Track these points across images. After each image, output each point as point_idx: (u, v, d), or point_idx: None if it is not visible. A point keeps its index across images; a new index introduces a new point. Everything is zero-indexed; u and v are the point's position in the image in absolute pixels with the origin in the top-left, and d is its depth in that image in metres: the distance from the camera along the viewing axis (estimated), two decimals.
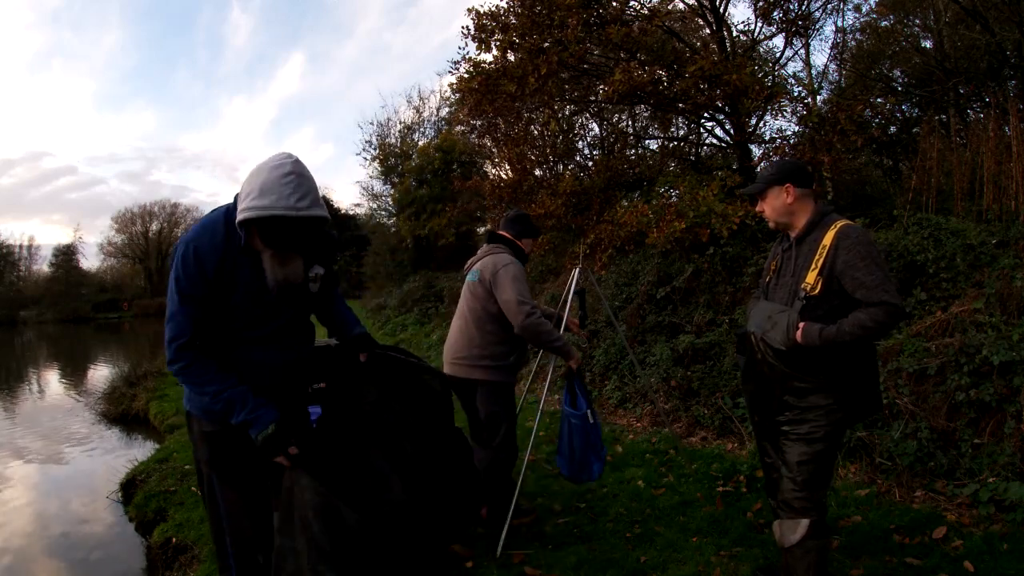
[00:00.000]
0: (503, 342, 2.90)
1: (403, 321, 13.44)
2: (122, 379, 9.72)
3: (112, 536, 4.33)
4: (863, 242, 1.98)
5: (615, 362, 5.92)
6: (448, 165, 16.91)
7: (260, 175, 1.63)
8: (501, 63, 6.95)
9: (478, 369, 2.90)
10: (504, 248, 3.04)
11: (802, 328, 2.00)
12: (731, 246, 5.84)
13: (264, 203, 1.59)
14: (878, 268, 1.95)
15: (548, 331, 2.84)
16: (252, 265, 1.73)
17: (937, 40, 9.00)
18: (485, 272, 2.93)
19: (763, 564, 2.59)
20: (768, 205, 2.20)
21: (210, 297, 1.70)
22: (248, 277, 1.73)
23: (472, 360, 2.91)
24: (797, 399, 2.07)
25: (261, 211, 1.59)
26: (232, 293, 1.72)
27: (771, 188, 2.18)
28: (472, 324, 2.94)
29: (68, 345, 23.26)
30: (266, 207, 1.59)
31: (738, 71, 5.93)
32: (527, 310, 2.76)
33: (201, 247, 1.68)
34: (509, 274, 2.83)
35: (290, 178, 1.61)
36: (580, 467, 2.97)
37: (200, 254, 1.67)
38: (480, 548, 2.90)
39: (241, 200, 1.65)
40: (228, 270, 1.70)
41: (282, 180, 1.61)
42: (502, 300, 2.82)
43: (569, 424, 2.95)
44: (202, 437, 1.86)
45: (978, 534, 2.73)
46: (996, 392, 3.27)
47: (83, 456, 6.57)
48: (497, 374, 2.90)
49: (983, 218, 4.86)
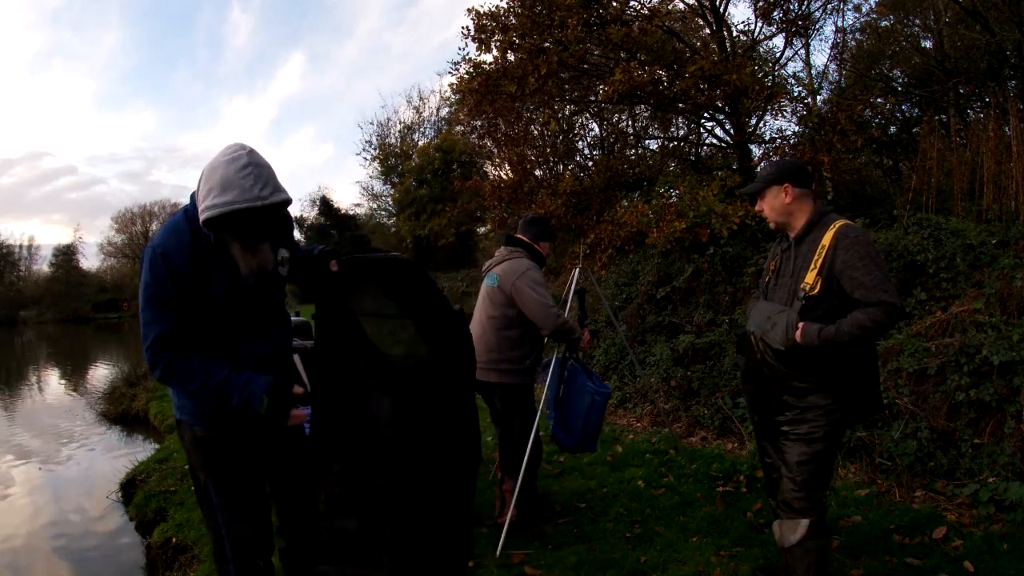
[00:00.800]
0: (519, 346, 2.97)
1: None
2: (122, 379, 9.72)
3: (112, 536, 4.33)
4: (862, 242, 1.98)
5: (615, 362, 5.92)
6: (448, 165, 16.93)
7: (217, 171, 1.61)
8: (501, 63, 6.95)
9: (495, 372, 2.96)
10: (522, 252, 3.05)
11: (801, 328, 2.00)
12: (731, 246, 5.84)
13: (227, 199, 1.58)
14: (877, 268, 1.95)
15: (572, 328, 2.98)
16: (223, 261, 1.72)
17: (937, 40, 9.00)
18: (504, 279, 2.95)
19: (763, 564, 2.59)
20: (767, 205, 2.20)
21: (184, 299, 1.67)
22: (222, 272, 1.72)
23: (489, 364, 2.95)
24: (796, 399, 2.07)
25: (225, 207, 1.58)
26: (209, 292, 1.71)
27: (770, 188, 2.18)
28: (489, 329, 2.98)
29: (68, 345, 23.27)
30: (230, 203, 1.57)
31: (738, 71, 5.93)
32: (555, 313, 2.89)
33: (169, 250, 1.66)
34: (529, 282, 2.88)
35: (248, 170, 1.60)
36: (590, 441, 3.10)
37: (169, 256, 1.66)
38: (480, 548, 2.90)
39: (201, 199, 1.63)
40: (200, 269, 1.69)
41: (241, 173, 1.59)
42: (528, 310, 2.88)
43: (592, 400, 3.03)
44: (195, 444, 1.83)
45: (978, 534, 2.73)
46: (996, 392, 3.27)
47: (83, 456, 6.57)
48: (513, 376, 2.98)
49: (983, 218, 4.86)
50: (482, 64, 7.30)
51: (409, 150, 20.14)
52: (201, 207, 1.62)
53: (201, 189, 1.64)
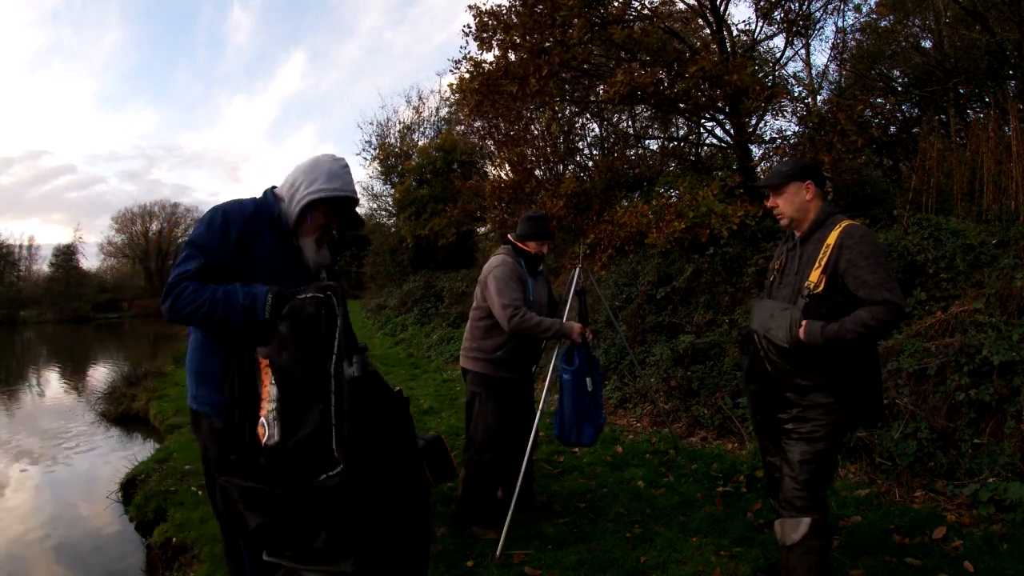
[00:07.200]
0: (490, 337, 3.06)
1: (403, 321, 13.44)
2: (122, 379, 9.70)
3: (112, 536, 4.33)
4: (867, 241, 2.00)
5: (615, 362, 5.92)
6: (448, 165, 16.89)
7: (323, 166, 1.87)
8: (503, 63, 6.96)
9: (468, 359, 3.14)
10: (505, 250, 3.16)
11: (805, 326, 2.01)
12: (731, 246, 5.84)
13: (335, 186, 1.85)
14: (881, 267, 1.97)
15: (536, 324, 2.94)
16: (273, 242, 1.84)
17: (937, 40, 9.00)
18: (482, 273, 3.13)
19: (763, 564, 2.59)
20: (786, 200, 2.19)
21: (223, 261, 1.76)
22: (268, 248, 1.83)
23: (465, 352, 3.17)
24: (799, 396, 2.08)
25: (332, 192, 1.84)
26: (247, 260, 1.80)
27: (791, 183, 2.18)
28: (470, 320, 3.18)
29: (68, 345, 23.26)
30: (337, 189, 1.85)
31: (738, 71, 5.94)
32: (510, 312, 2.91)
33: (231, 214, 1.81)
34: (494, 278, 3.00)
35: (347, 170, 1.91)
36: (569, 429, 3.05)
37: (229, 217, 1.80)
38: (480, 548, 2.90)
39: (304, 187, 1.84)
40: (248, 238, 1.80)
41: (344, 170, 1.90)
42: (490, 304, 3.02)
43: (561, 381, 3.04)
44: (212, 435, 1.84)
45: (978, 534, 2.73)
46: (996, 392, 3.27)
47: (83, 456, 6.56)
48: (481, 365, 3.07)
49: (983, 218, 4.86)
50: (483, 63, 7.31)
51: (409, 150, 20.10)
52: (304, 192, 1.84)
53: (300, 180, 1.86)
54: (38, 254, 42.76)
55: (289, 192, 1.87)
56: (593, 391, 3.08)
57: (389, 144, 21.40)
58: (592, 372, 3.10)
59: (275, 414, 1.63)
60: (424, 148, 18.18)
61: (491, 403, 3.04)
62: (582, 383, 3.04)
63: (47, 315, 36.95)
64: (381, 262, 20.03)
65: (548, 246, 3.19)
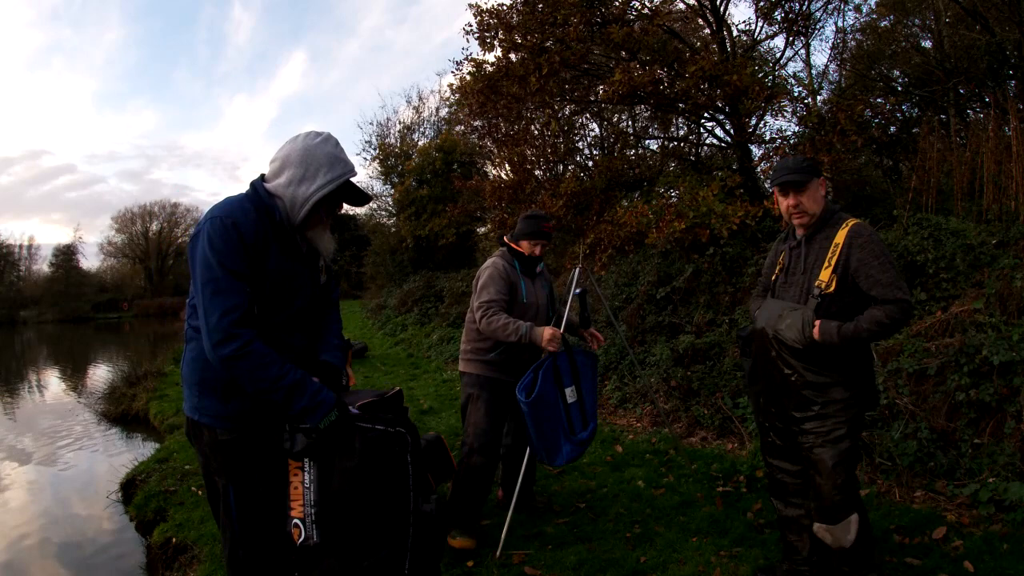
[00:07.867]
0: (483, 339, 3.03)
1: (403, 321, 13.44)
2: (122, 379, 9.70)
3: (112, 536, 4.33)
4: (875, 240, 2.04)
5: (615, 362, 5.92)
6: (448, 165, 16.87)
7: (315, 153, 1.73)
8: (504, 64, 6.96)
9: (464, 361, 3.13)
10: (500, 251, 3.17)
11: (819, 325, 2.03)
12: (731, 246, 5.84)
13: (339, 172, 1.73)
14: (891, 266, 2.00)
15: (502, 325, 2.80)
16: (282, 243, 1.74)
17: (937, 40, 9.00)
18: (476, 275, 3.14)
19: (763, 564, 2.59)
20: (809, 198, 2.19)
21: (251, 272, 1.63)
22: (278, 253, 1.71)
23: (462, 354, 3.17)
24: (818, 394, 2.09)
25: (342, 177, 1.73)
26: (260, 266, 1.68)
27: (812, 180, 2.18)
28: (467, 320, 3.17)
29: (68, 345, 23.26)
30: (343, 173, 1.74)
31: (738, 71, 5.94)
32: (481, 312, 2.89)
33: (238, 219, 1.63)
34: (481, 279, 3.01)
35: (340, 146, 1.78)
36: (540, 452, 2.83)
37: (239, 225, 1.62)
38: (480, 548, 2.90)
39: (306, 184, 1.72)
40: (260, 244, 1.67)
41: (337, 149, 1.76)
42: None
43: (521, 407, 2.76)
44: (215, 447, 1.75)
45: (978, 534, 2.73)
46: (996, 392, 3.27)
47: (83, 456, 6.56)
48: (476, 367, 3.07)
49: (983, 218, 4.86)
50: (484, 63, 7.31)
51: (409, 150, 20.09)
52: (311, 190, 1.71)
53: (297, 174, 1.72)
54: (38, 254, 42.82)
55: (288, 190, 1.72)
56: (579, 400, 2.90)
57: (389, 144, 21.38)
58: (579, 379, 2.92)
59: (313, 518, 1.69)
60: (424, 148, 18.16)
61: (483, 404, 2.98)
62: (554, 399, 2.79)
63: (47, 315, 36.95)
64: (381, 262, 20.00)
65: (542, 246, 3.06)
